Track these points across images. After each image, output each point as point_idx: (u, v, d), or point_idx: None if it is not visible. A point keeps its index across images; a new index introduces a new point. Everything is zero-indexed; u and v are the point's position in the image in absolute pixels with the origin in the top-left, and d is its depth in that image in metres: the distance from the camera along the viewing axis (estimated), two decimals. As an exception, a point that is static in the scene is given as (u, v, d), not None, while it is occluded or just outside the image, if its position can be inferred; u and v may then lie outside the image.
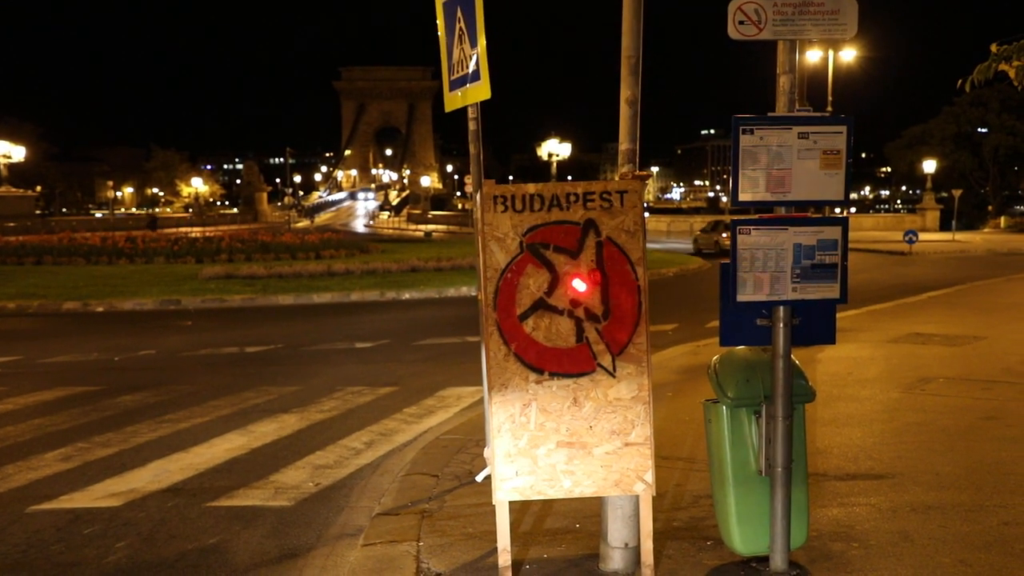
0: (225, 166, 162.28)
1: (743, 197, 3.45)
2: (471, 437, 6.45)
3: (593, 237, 3.56)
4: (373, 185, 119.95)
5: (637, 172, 3.73)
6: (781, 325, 3.53)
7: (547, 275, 3.57)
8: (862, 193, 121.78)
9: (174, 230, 53.10)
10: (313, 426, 7.27)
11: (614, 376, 3.60)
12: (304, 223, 71.75)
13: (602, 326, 3.58)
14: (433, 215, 78.53)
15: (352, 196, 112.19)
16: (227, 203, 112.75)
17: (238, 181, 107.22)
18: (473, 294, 17.53)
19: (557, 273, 3.57)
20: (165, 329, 13.69)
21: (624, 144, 3.81)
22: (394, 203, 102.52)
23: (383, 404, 8.07)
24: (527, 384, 3.58)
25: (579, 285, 3.56)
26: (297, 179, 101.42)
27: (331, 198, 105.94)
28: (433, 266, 23.22)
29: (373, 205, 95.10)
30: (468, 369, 9.43)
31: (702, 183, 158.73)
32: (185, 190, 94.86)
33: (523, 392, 3.58)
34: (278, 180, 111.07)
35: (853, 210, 71.38)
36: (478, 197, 3.62)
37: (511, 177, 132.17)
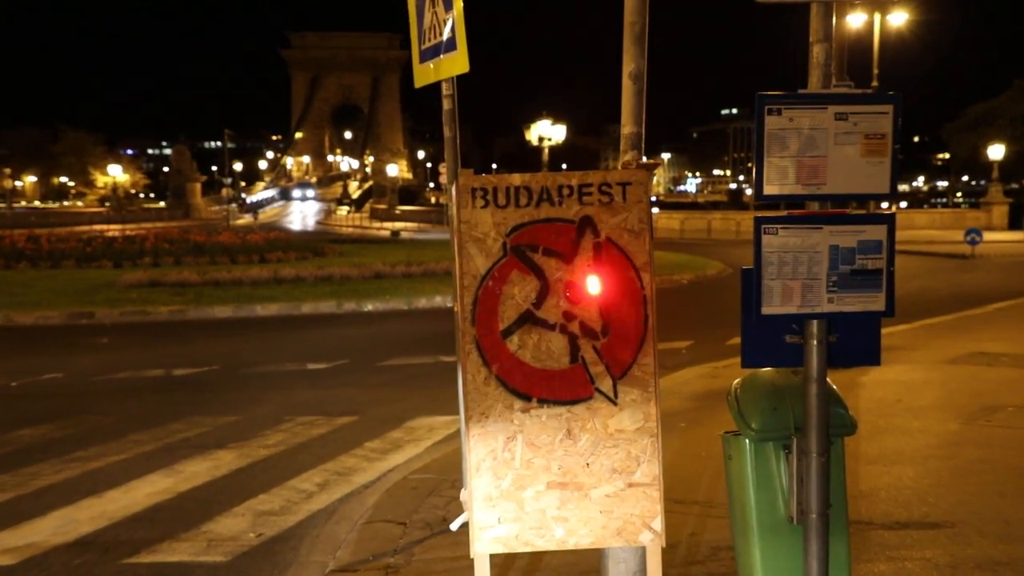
0: (150, 151, 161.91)
1: (769, 190, 3.44)
2: (445, 477, 6.45)
3: (590, 237, 3.59)
4: (314, 179, 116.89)
5: (643, 160, 3.76)
6: (815, 342, 3.52)
7: (535, 283, 3.59)
8: (914, 184, 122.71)
9: (87, 228, 52.90)
10: (255, 464, 7.25)
11: (615, 403, 3.62)
12: (246, 220, 71.54)
13: (601, 344, 3.61)
14: (401, 210, 78.69)
15: (285, 194, 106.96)
16: (152, 196, 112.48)
17: (166, 169, 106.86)
18: (448, 305, 17.52)
19: (547, 280, 3.59)
20: (75, 347, 13.61)
21: (627, 127, 3.83)
22: (355, 196, 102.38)
23: (340, 437, 8.07)
24: (512, 413, 3.61)
25: (574, 295, 3.60)
26: (238, 167, 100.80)
27: (263, 195, 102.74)
28: (401, 272, 23.22)
29: (315, 207, 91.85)
30: (442, 395, 9.44)
31: (722, 173, 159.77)
32: (101, 179, 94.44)
33: (507, 423, 3.61)
34: (215, 168, 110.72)
35: (903, 205, 72.00)
36: (453, 190, 3.64)
37: (494, 166, 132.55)
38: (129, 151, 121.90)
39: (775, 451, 3.67)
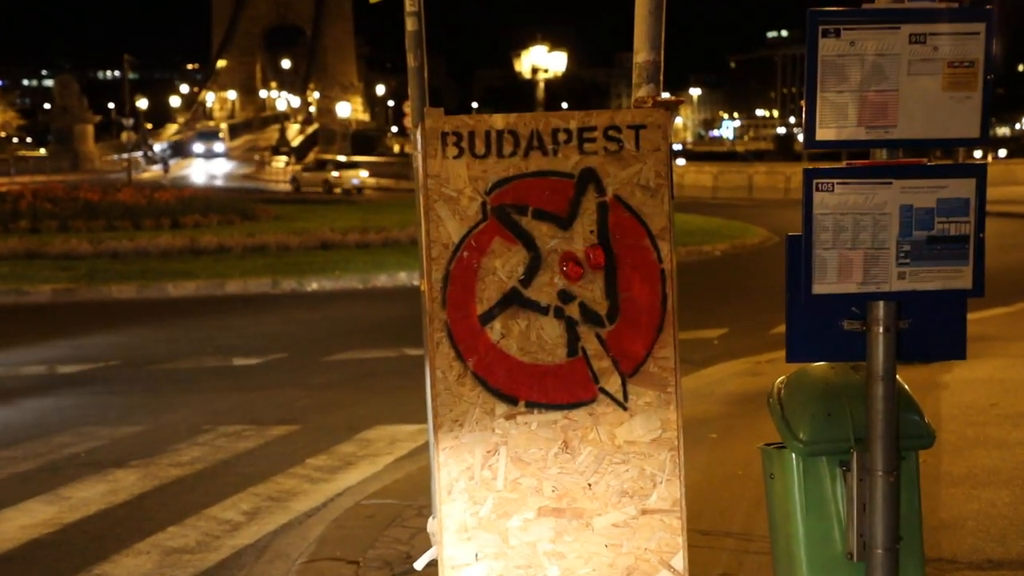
0: (25, 82, 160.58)
1: (823, 135, 3.43)
2: (409, 502, 6.46)
3: (593, 196, 3.59)
4: (223, 126, 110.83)
5: (662, 96, 3.75)
6: (880, 330, 3.51)
7: (523, 254, 3.60)
8: (1017, 127, 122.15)
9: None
10: (165, 487, 7.24)
11: (625, 407, 3.63)
12: (154, 173, 71.17)
13: (607, 331, 3.61)
14: (355, 161, 78.19)
15: (177, 149, 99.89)
16: (29, 141, 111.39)
17: (47, 106, 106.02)
18: (415, 284, 17.50)
19: (539, 251, 3.60)
20: (-67, 337, 13.55)
21: (641, 53, 3.85)
22: (295, 143, 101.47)
23: (275, 452, 8.08)
24: (493, 420, 3.61)
25: (572, 269, 3.59)
26: (142, 105, 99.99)
27: (159, 148, 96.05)
28: (355, 240, 23.22)
29: (225, 167, 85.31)
30: (405, 397, 9.44)
31: (767, 113, 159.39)
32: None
33: (487, 432, 3.61)
34: (112, 106, 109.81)
35: (1002, 154, 71.62)
36: (418, 134, 3.63)
37: (474, 105, 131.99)
38: None
39: (830, 468, 3.67)
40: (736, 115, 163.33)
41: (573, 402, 3.63)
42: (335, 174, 59.03)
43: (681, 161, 63.19)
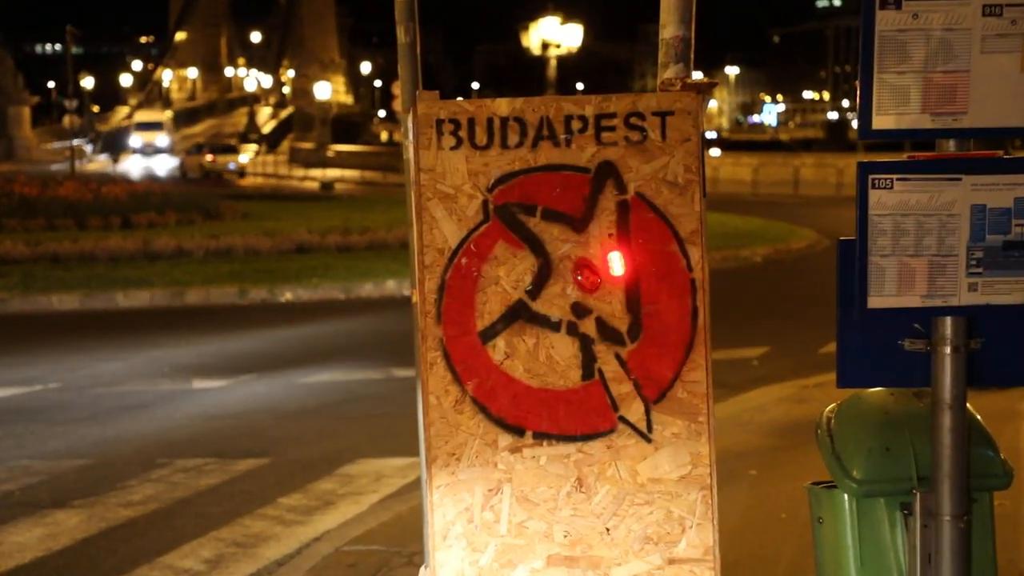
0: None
1: (881, 122, 3.43)
2: (398, 548, 6.45)
3: (613, 194, 3.58)
4: (166, 114, 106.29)
5: (693, 78, 3.72)
6: (948, 351, 3.49)
7: (531, 260, 3.59)
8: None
9: None
10: (113, 531, 7.23)
11: (649, 439, 3.61)
12: (100, 163, 71.15)
13: (628, 351, 3.60)
14: (337, 152, 78.28)
15: (110, 144, 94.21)
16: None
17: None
18: (405, 294, 17.50)
19: (549, 257, 3.58)
20: None
21: (669, 28, 3.81)
22: (266, 129, 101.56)
23: (242, 490, 8.06)
24: (495, 453, 3.59)
25: (588, 279, 3.59)
26: (88, 84, 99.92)
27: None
28: (335, 243, 23.24)
29: (169, 164, 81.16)
30: (393, 426, 9.43)
31: (816, 96, 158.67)
32: None
33: (488, 467, 3.59)
34: (52, 85, 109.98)
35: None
36: (409, 121, 3.62)
37: (475, 86, 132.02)
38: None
39: (888, 512, 3.66)
40: (780, 98, 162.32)
41: (589, 433, 3.60)
42: (209, 158, 63.60)
43: (716, 152, 62.93)
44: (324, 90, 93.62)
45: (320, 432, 9.66)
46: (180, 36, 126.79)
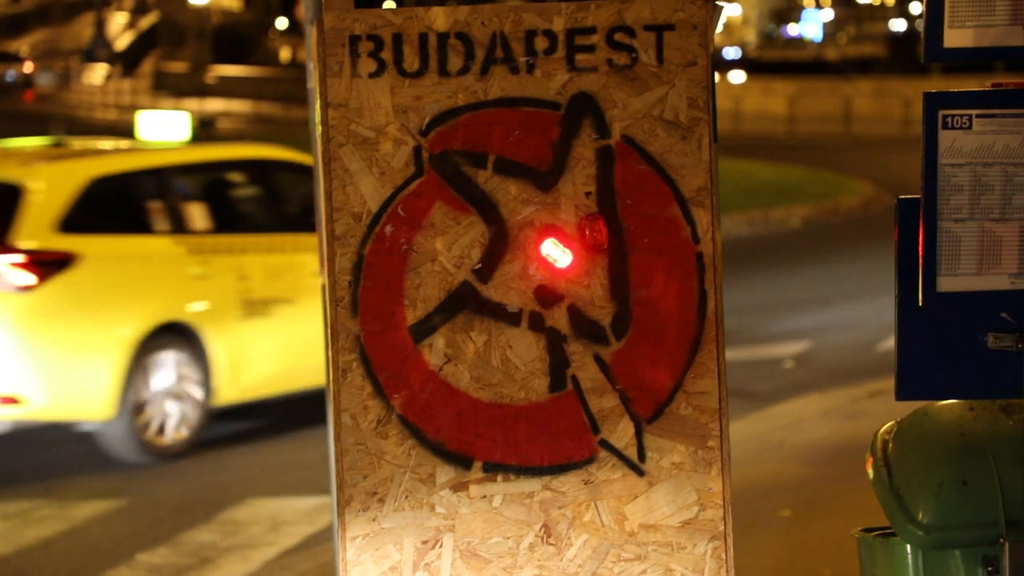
0: None
1: (955, 39, 3.24)
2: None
3: (591, 139, 3.24)
4: None
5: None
6: (1049, 348, 3.23)
7: (481, 229, 3.25)
8: None
9: None
10: None
11: (642, 472, 3.27)
12: None
13: (613, 351, 3.26)
14: (220, 76, 71.60)
15: None
16: None
17: None
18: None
19: (505, 224, 3.25)
20: None
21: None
22: (119, 45, 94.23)
23: (87, 543, 7.58)
24: (432, 492, 3.26)
25: (557, 254, 3.22)
26: None
27: None
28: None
29: None
30: (294, 454, 9.05)
31: (873, 1, 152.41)
32: None
33: (423, 511, 3.27)
34: None
35: None
36: (313, 37, 3.32)
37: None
38: None
39: (966, 567, 3.40)
40: (826, 1, 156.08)
41: (559, 463, 3.27)
42: None
43: (738, 76, 57.62)
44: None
45: (196, 464, 9.09)
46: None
